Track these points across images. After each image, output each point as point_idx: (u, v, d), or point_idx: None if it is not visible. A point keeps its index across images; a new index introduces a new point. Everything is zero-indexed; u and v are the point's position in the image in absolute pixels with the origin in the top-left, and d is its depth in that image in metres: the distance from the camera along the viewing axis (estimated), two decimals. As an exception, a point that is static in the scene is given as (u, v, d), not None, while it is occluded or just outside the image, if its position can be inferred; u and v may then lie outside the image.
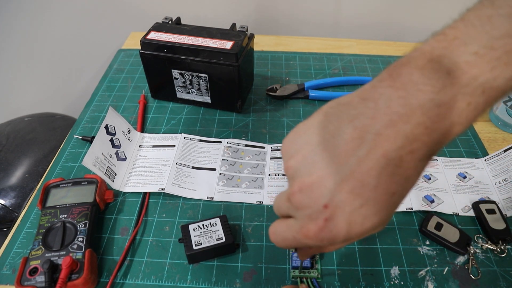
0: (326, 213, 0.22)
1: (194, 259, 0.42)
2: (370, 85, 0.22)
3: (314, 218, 0.22)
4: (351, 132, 0.21)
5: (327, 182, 0.22)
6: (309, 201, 0.23)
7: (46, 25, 0.87)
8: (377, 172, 0.20)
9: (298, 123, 0.26)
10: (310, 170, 0.23)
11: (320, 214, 0.22)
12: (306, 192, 0.23)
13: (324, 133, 0.23)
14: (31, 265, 0.38)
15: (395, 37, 0.81)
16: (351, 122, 0.21)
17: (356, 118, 0.21)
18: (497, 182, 0.49)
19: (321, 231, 0.22)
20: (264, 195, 0.49)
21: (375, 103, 0.21)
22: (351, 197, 0.21)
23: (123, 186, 0.50)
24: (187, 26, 0.58)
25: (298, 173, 0.23)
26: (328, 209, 0.22)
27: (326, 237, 0.22)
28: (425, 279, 0.41)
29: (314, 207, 0.22)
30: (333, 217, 0.22)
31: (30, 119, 0.82)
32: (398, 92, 0.20)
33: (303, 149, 0.23)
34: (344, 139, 0.21)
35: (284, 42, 0.78)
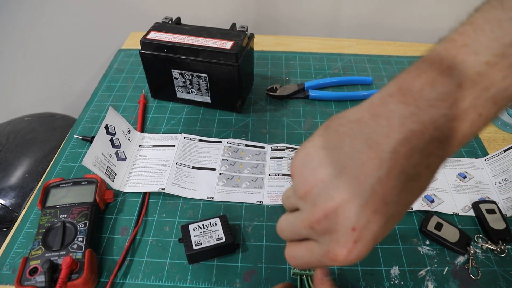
0: (354, 236, 0.22)
1: (194, 259, 0.42)
2: (380, 100, 0.22)
3: (343, 242, 0.22)
4: (368, 152, 0.21)
5: (351, 205, 0.22)
6: (336, 226, 0.22)
7: (46, 25, 0.87)
8: (399, 190, 0.21)
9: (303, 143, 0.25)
10: (332, 195, 0.22)
11: (349, 237, 0.22)
12: (332, 217, 0.22)
13: (339, 154, 0.22)
14: (31, 265, 0.38)
15: (395, 37, 0.81)
16: (366, 141, 0.21)
17: (370, 138, 0.21)
18: (497, 182, 0.49)
19: (351, 253, 0.23)
20: (264, 195, 0.49)
21: (387, 121, 0.21)
22: (376, 216, 0.22)
23: (123, 186, 0.50)
24: (187, 26, 0.58)
25: (319, 199, 0.23)
26: (356, 231, 0.22)
27: (355, 258, 0.23)
28: (425, 279, 0.41)
29: (342, 231, 0.22)
30: (361, 238, 0.22)
31: (30, 119, 0.82)
32: (410, 108, 0.20)
33: (319, 173, 0.23)
34: (361, 159, 0.21)
35: (284, 42, 0.78)
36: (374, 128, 0.21)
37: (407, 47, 0.76)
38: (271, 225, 0.46)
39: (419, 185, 0.22)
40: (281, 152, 0.54)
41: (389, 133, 0.21)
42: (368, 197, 0.21)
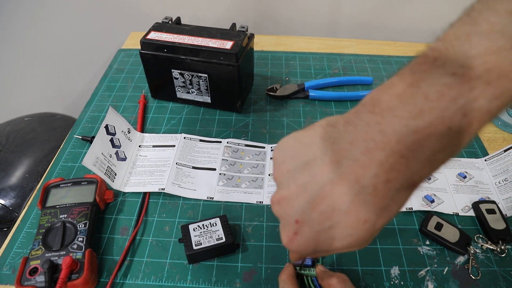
0: (296, 228, 0.24)
1: (194, 259, 0.42)
2: (355, 109, 0.22)
3: (286, 231, 0.25)
4: (331, 154, 0.22)
5: (301, 198, 0.23)
6: (283, 214, 0.25)
7: (46, 25, 0.87)
8: (348, 199, 0.21)
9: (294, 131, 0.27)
10: (289, 185, 0.24)
11: (291, 227, 0.24)
12: (283, 204, 0.25)
13: (308, 152, 0.24)
14: (31, 265, 0.38)
15: (395, 37, 0.81)
16: (332, 145, 0.22)
17: (336, 142, 0.22)
18: (497, 182, 0.49)
19: (291, 242, 0.24)
20: (264, 195, 0.49)
21: (355, 128, 0.21)
22: (320, 218, 0.22)
23: (123, 186, 0.50)
24: (187, 26, 0.58)
25: (280, 185, 0.25)
26: (298, 224, 0.23)
27: (294, 248, 0.25)
28: (425, 279, 0.41)
29: (287, 220, 0.24)
30: (302, 233, 0.23)
31: (30, 119, 0.82)
32: (376, 117, 0.20)
33: (289, 163, 0.25)
34: (323, 160, 0.23)
35: (284, 42, 0.78)
36: (342, 134, 0.22)
37: (407, 47, 0.76)
38: (271, 225, 0.46)
39: (376, 200, 0.21)
40: (281, 152, 0.54)
41: (353, 140, 0.21)
42: (317, 196, 0.22)
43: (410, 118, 0.19)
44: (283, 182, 0.25)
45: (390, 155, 0.19)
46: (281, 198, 0.25)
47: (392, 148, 0.19)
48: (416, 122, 0.19)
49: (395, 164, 0.20)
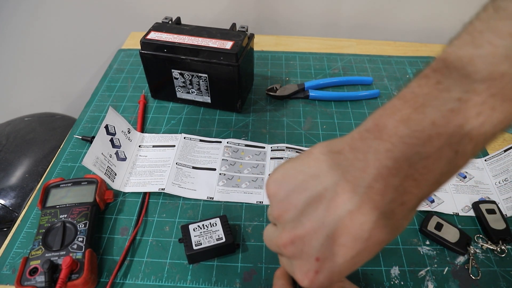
0: (317, 266, 0.23)
1: (194, 259, 0.42)
2: (358, 135, 0.22)
3: (305, 270, 0.23)
4: (343, 185, 0.22)
5: (318, 235, 0.22)
6: (300, 254, 0.23)
7: (46, 25, 0.87)
8: (370, 227, 0.21)
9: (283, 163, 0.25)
10: (302, 221, 0.23)
11: (312, 266, 0.23)
12: (298, 244, 0.23)
13: (316, 183, 0.23)
14: (31, 265, 0.38)
15: (395, 37, 0.81)
16: (343, 174, 0.22)
17: (347, 171, 0.22)
18: (497, 182, 0.49)
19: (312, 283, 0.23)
20: (264, 195, 0.49)
21: (364, 155, 0.21)
22: (342, 250, 0.22)
23: (123, 186, 0.50)
24: (187, 26, 0.58)
25: (290, 224, 0.24)
26: (319, 262, 0.22)
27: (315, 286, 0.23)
28: (425, 279, 0.41)
29: (306, 260, 0.23)
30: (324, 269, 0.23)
31: (30, 119, 0.82)
32: (385, 144, 0.20)
33: (294, 198, 0.23)
34: (336, 191, 0.22)
35: (284, 42, 0.78)
36: (352, 161, 0.22)
37: (407, 47, 0.76)
38: (271, 225, 0.46)
39: (393, 223, 0.21)
40: (281, 152, 0.54)
41: (365, 168, 0.21)
42: (336, 229, 0.22)
43: (420, 144, 0.20)
44: (293, 220, 0.23)
45: (403, 180, 0.20)
46: (295, 238, 0.23)
47: (406, 173, 0.20)
48: (426, 148, 0.20)
49: (409, 188, 0.20)
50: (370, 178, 0.21)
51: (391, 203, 0.20)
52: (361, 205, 0.21)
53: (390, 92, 0.65)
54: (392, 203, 0.21)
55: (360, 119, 0.60)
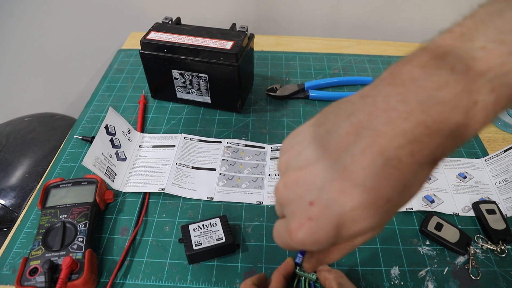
0: (310, 212, 0.20)
1: (194, 259, 0.42)
2: (372, 84, 0.21)
3: (297, 216, 0.21)
4: (347, 127, 0.20)
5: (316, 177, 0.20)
6: (293, 197, 0.21)
7: (46, 25, 0.87)
8: (373, 172, 0.19)
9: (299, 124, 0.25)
10: (301, 165, 0.21)
11: (304, 211, 0.20)
12: (292, 186, 0.21)
13: (320, 129, 0.21)
14: (31, 265, 0.38)
15: (395, 37, 0.81)
16: (348, 117, 0.20)
17: (353, 114, 0.20)
18: (497, 182, 0.49)
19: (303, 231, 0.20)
20: (264, 195, 0.49)
21: (373, 100, 0.20)
22: (341, 197, 0.19)
23: (123, 186, 0.50)
24: (187, 26, 0.58)
25: (288, 168, 0.22)
26: (314, 207, 0.20)
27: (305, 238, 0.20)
28: (425, 279, 0.41)
29: (299, 204, 0.20)
30: (318, 217, 0.20)
31: (30, 119, 0.82)
32: (397, 89, 0.19)
33: (298, 145, 0.22)
34: (339, 133, 0.20)
35: (284, 42, 0.78)
36: (359, 106, 0.20)
37: (407, 47, 0.76)
38: (271, 225, 0.46)
39: (401, 176, 0.19)
40: (281, 152, 0.54)
41: (372, 110, 0.19)
42: (336, 172, 0.19)
43: (435, 89, 0.18)
44: (292, 165, 0.22)
45: (414, 126, 0.18)
46: (289, 180, 0.21)
47: (417, 118, 0.18)
48: (442, 93, 0.18)
49: (420, 135, 0.18)
50: (377, 122, 0.19)
51: (399, 149, 0.18)
52: (365, 149, 0.19)
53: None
54: (400, 150, 0.18)
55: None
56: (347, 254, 0.42)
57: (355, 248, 0.22)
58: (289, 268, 0.39)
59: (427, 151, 0.19)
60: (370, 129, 0.19)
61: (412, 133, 0.18)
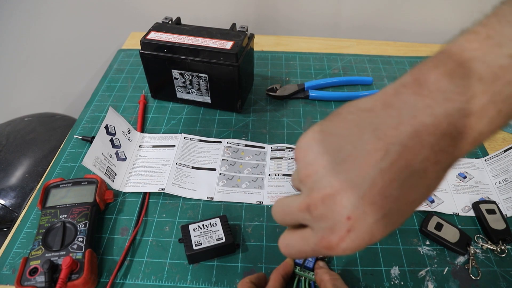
0: (348, 225, 0.21)
1: (194, 259, 0.42)
2: (393, 90, 0.21)
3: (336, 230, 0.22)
4: (374, 142, 0.20)
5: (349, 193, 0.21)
6: (331, 213, 0.22)
7: (46, 25, 0.87)
8: (399, 184, 0.20)
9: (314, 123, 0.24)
10: (331, 182, 0.22)
11: (343, 225, 0.21)
12: (329, 203, 0.22)
13: (345, 142, 0.22)
14: (31, 265, 0.38)
15: (395, 37, 0.81)
16: (374, 132, 0.20)
17: (379, 128, 0.20)
18: (497, 182, 0.49)
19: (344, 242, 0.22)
20: (264, 195, 0.49)
21: (398, 112, 0.20)
22: (373, 208, 0.21)
23: (123, 186, 0.50)
24: (187, 26, 0.58)
25: (318, 184, 0.22)
26: (351, 220, 0.21)
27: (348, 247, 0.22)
28: (425, 279, 0.41)
29: (337, 219, 0.22)
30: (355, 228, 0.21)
31: (30, 119, 0.82)
32: (424, 100, 0.19)
33: (322, 158, 0.22)
34: (366, 149, 0.21)
35: (284, 42, 0.78)
36: (384, 118, 0.20)
37: (407, 47, 0.76)
38: (271, 225, 0.46)
39: (425, 181, 0.20)
40: (281, 152, 0.54)
41: (398, 125, 0.20)
42: (367, 188, 0.20)
43: (464, 102, 0.18)
44: (321, 180, 0.22)
45: (440, 138, 0.19)
46: (325, 197, 0.22)
47: (444, 130, 0.19)
48: (470, 105, 0.18)
49: (445, 146, 0.19)
50: (404, 136, 0.19)
51: (425, 161, 0.19)
52: (393, 163, 0.20)
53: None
54: (426, 162, 0.19)
55: (360, 119, 0.60)
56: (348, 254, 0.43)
57: None
58: (288, 268, 0.39)
59: (451, 159, 0.20)
60: (398, 144, 0.20)
61: (438, 145, 0.19)
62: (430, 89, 0.19)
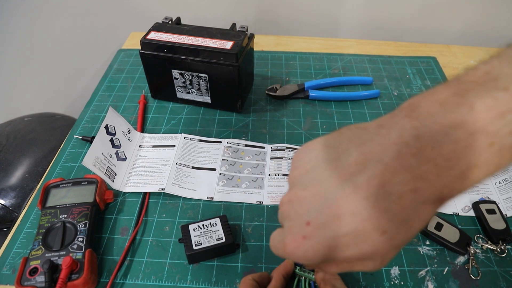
0: (305, 231, 0.21)
1: (194, 259, 0.42)
2: (390, 114, 0.21)
3: (293, 233, 0.22)
4: (356, 156, 0.20)
5: (317, 200, 0.21)
6: (294, 214, 0.22)
7: (46, 25, 0.87)
8: (370, 204, 0.19)
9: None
10: (306, 185, 0.22)
11: (300, 229, 0.21)
12: (294, 204, 0.22)
13: (332, 152, 0.22)
14: (31, 265, 0.38)
15: (395, 37, 0.81)
16: (360, 146, 0.21)
17: (365, 144, 0.20)
18: (497, 182, 0.49)
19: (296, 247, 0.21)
20: (264, 195, 0.49)
21: (388, 131, 0.20)
22: (336, 222, 0.20)
23: (123, 186, 0.50)
24: (187, 26, 0.58)
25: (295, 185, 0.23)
26: (309, 227, 0.21)
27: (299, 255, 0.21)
28: (425, 279, 0.41)
29: (297, 221, 0.22)
30: (312, 237, 0.21)
31: (30, 119, 0.82)
32: (412, 122, 0.19)
33: (308, 163, 0.23)
34: (348, 162, 0.21)
35: (284, 42, 0.78)
36: (373, 136, 0.21)
37: (407, 47, 0.76)
38: (271, 225, 0.46)
39: (399, 210, 0.19)
40: (281, 152, 0.54)
41: (384, 142, 0.20)
42: (336, 199, 0.20)
43: (451, 127, 0.18)
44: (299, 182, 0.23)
45: (422, 163, 0.18)
46: (293, 198, 0.23)
47: (427, 155, 0.18)
48: (457, 132, 0.18)
49: (427, 173, 0.18)
50: (386, 155, 0.19)
51: (401, 185, 0.18)
52: (368, 180, 0.19)
53: (390, 92, 0.65)
54: (402, 186, 0.18)
55: (360, 119, 0.60)
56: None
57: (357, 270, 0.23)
58: (288, 268, 0.39)
59: (432, 190, 0.19)
60: (378, 161, 0.19)
61: (419, 170, 0.18)
62: (420, 112, 0.19)
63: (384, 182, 0.19)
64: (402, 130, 0.19)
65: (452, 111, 0.18)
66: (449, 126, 0.18)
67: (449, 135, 0.18)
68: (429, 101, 0.19)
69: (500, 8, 0.74)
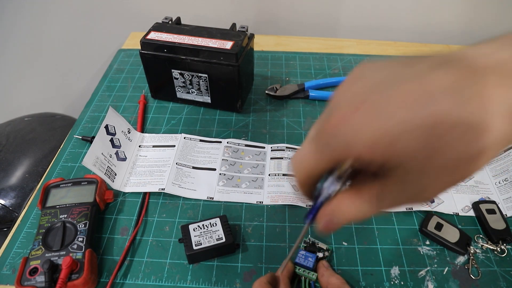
0: (359, 104, 0.19)
1: (194, 259, 0.42)
2: (464, 76, 0.18)
3: (341, 109, 0.19)
4: (458, 66, 0.18)
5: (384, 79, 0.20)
6: (348, 94, 0.20)
7: (46, 25, 0.87)
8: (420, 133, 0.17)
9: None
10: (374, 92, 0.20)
11: (351, 104, 0.19)
12: (345, 87, 0.21)
13: (408, 69, 0.20)
14: (31, 265, 0.38)
15: (395, 37, 0.81)
16: (458, 62, 0.18)
17: (464, 60, 0.18)
18: (497, 182, 0.49)
19: (345, 121, 0.19)
20: (264, 195, 0.49)
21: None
22: (412, 96, 0.18)
23: (123, 186, 0.50)
24: (187, 26, 0.58)
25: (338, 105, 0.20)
26: (366, 103, 0.19)
27: (348, 130, 0.19)
28: (425, 279, 0.41)
29: (348, 99, 0.20)
30: (368, 109, 0.18)
31: (30, 119, 0.82)
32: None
33: (371, 78, 0.21)
34: (445, 71, 0.18)
35: (284, 42, 0.78)
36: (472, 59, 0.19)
37: (407, 47, 0.76)
38: (271, 225, 0.46)
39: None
40: (281, 152, 0.54)
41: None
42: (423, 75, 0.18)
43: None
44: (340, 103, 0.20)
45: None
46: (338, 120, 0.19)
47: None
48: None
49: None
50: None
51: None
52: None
53: (390, 92, 0.65)
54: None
55: (360, 119, 0.60)
56: (347, 254, 0.42)
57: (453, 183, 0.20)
58: (290, 269, 0.40)
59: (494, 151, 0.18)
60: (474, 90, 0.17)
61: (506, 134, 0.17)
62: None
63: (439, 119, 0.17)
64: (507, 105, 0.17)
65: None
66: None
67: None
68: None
69: (500, 8, 0.74)
